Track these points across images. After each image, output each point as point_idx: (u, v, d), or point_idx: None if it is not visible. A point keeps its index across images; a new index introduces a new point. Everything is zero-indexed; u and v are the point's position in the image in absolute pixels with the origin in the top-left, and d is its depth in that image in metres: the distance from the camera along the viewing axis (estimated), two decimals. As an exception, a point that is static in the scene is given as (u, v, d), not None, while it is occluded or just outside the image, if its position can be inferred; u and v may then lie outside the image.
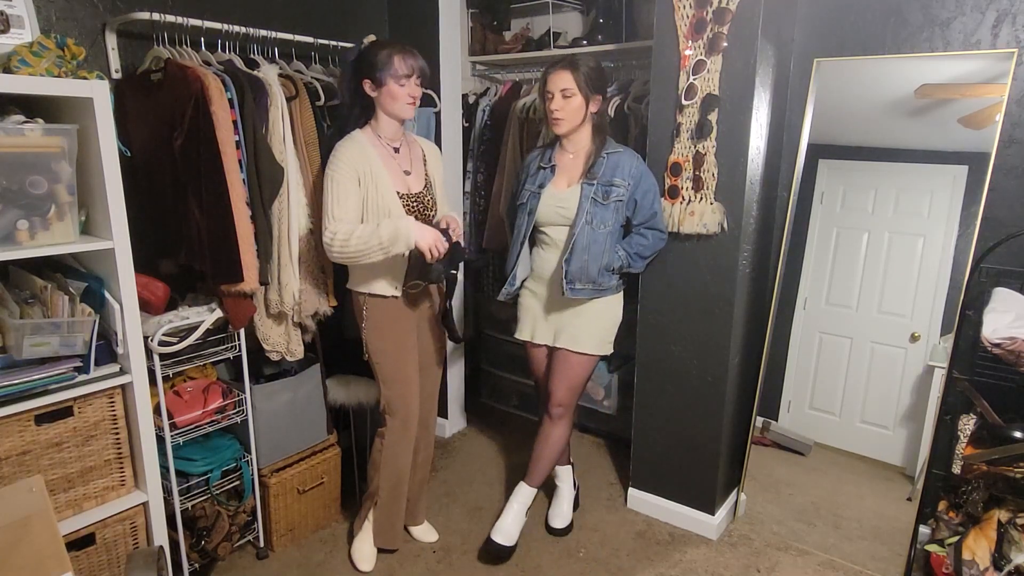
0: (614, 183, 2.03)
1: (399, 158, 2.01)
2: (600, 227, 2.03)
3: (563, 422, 2.23)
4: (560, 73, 1.99)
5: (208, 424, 2.01)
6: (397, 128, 2.00)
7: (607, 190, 2.03)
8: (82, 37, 1.90)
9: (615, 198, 2.03)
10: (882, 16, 2.11)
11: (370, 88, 1.92)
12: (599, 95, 2.04)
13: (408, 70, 1.89)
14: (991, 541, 1.88)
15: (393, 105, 1.93)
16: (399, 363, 2.05)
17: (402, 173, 2.00)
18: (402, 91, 1.91)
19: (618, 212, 2.05)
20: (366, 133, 1.97)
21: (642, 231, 2.11)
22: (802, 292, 2.40)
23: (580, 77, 1.97)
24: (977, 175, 2.00)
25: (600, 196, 2.03)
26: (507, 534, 2.20)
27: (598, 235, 2.03)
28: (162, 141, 1.87)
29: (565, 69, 1.98)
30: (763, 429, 2.49)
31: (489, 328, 3.32)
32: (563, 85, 1.98)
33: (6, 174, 1.45)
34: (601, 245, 2.04)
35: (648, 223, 2.10)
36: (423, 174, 2.07)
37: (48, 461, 1.61)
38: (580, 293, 2.06)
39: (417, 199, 2.01)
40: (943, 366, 2.03)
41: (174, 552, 1.96)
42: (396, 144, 2.02)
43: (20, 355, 1.51)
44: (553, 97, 2.00)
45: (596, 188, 2.03)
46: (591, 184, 2.04)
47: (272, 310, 2.07)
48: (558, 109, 2.00)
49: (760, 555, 2.27)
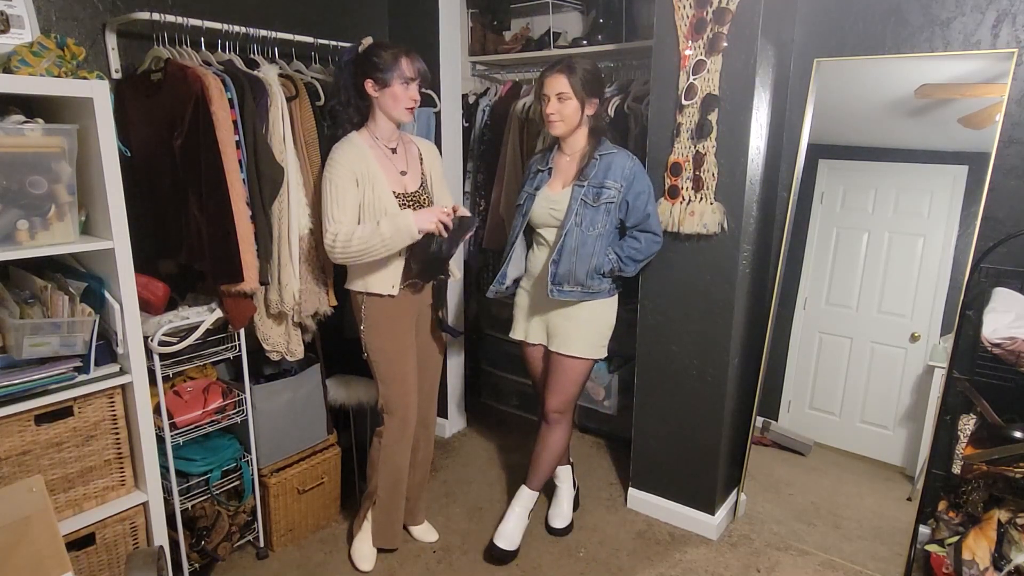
0: (605, 185, 2.01)
1: (395, 159, 2.02)
2: (589, 229, 2.02)
3: (560, 427, 2.22)
4: (556, 76, 1.98)
5: (208, 424, 2.01)
6: (393, 129, 2.01)
7: (598, 192, 2.01)
8: (82, 37, 1.90)
9: (605, 200, 2.01)
10: (882, 16, 2.11)
11: (372, 88, 1.92)
12: (595, 98, 2.03)
13: (414, 73, 1.91)
14: (991, 541, 1.88)
15: (394, 107, 1.93)
16: (397, 362, 2.05)
17: (398, 173, 2.01)
18: (406, 94, 1.92)
19: (609, 214, 2.03)
20: (363, 135, 1.98)
21: (635, 234, 2.08)
22: (802, 292, 2.40)
23: (576, 80, 1.97)
24: (977, 175, 2.00)
25: (590, 198, 2.02)
26: (509, 538, 2.21)
27: (587, 237, 2.02)
28: (162, 141, 1.87)
29: (561, 73, 1.98)
30: (763, 429, 2.49)
31: (489, 328, 3.32)
32: (559, 89, 1.98)
33: (6, 174, 1.45)
34: (590, 247, 2.02)
35: (641, 225, 2.07)
36: (419, 173, 2.08)
37: (48, 461, 1.61)
38: (567, 295, 2.05)
39: (413, 198, 2.01)
40: (943, 366, 2.03)
41: (174, 552, 1.96)
42: (393, 145, 2.02)
43: (20, 355, 1.51)
44: (549, 100, 2.01)
45: (587, 190, 2.02)
46: (582, 186, 2.03)
47: (272, 310, 2.07)
48: (554, 112, 2.01)
49: (760, 555, 2.27)
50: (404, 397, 2.07)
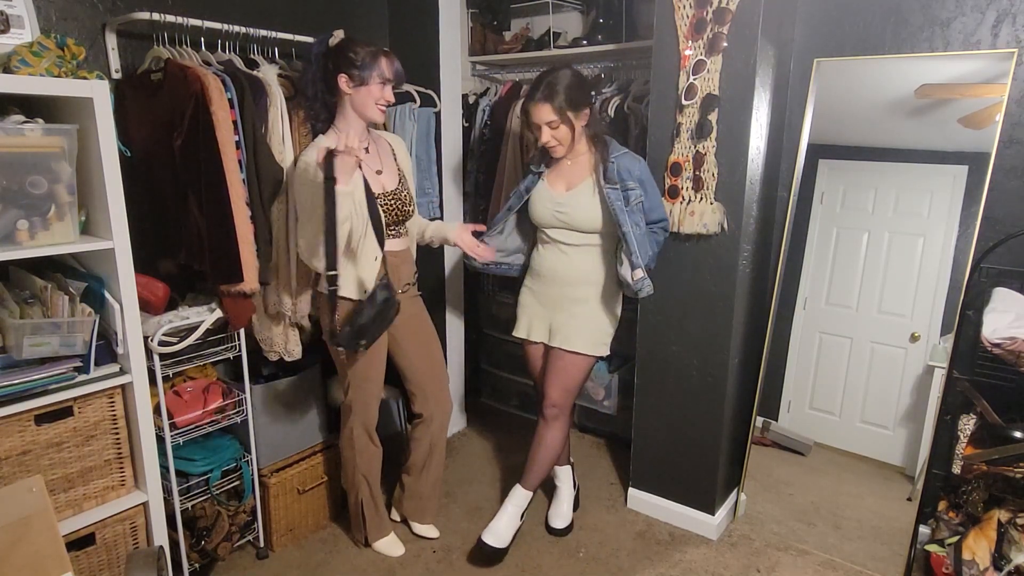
0: (628, 186, 2.01)
1: (369, 159, 1.96)
2: (636, 228, 2.01)
3: (558, 424, 2.22)
4: (540, 107, 1.95)
5: (208, 424, 2.01)
6: (363, 127, 1.95)
7: (626, 195, 2.01)
8: (82, 37, 1.90)
9: (634, 201, 2.02)
10: (882, 16, 2.11)
11: (346, 84, 1.86)
12: (585, 108, 1.99)
13: (392, 74, 1.88)
14: (991, 541, 1.88)
15: (367, 105, 1.87)
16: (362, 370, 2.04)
17: (374, 173, 1.96)
18: (382, 94, 1.87)
19: (641, 212, 2.04)
20: (329, 138, 1.88)
21: (655, 229, 2.11)
22: (802, 292, 2.40)
23: (559, 107, 1.93)
24: (977, 175, 2.00)
25: (623, 202, 2.01)
26: (499, 536, 2.20)
27: (638, 236, 2.01)
28: (162, 141, 1.87)
29: (544, 102, 1.94)
30: (763, 429, 2.49)
31: (489, 328, 3.32)
32: (547, 119, 1.95)
33: (6, 174, 1.45)
34: (645, 245, 2.03)
35: (660, 222, 2.11)
36: (395, 169, 2.04)
37: (48, 461, 1.61)
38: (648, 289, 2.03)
39: (394, 196, 1.98)
40: (943, 366, 2.03)
41: (174, 552, 1.96)
42: (365, 144, 1.96)
43: (20, 355, 1.51)
44: (542, 130, 1.98)
45: (618, 194, 2.00)
46: (615, 189, 2.00)
47: (271, 310, 2.07)
48: (549, 140, 1.99)
49: (760, 555, 2.27)
50: (366, 394, 2.07)
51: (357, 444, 2.12)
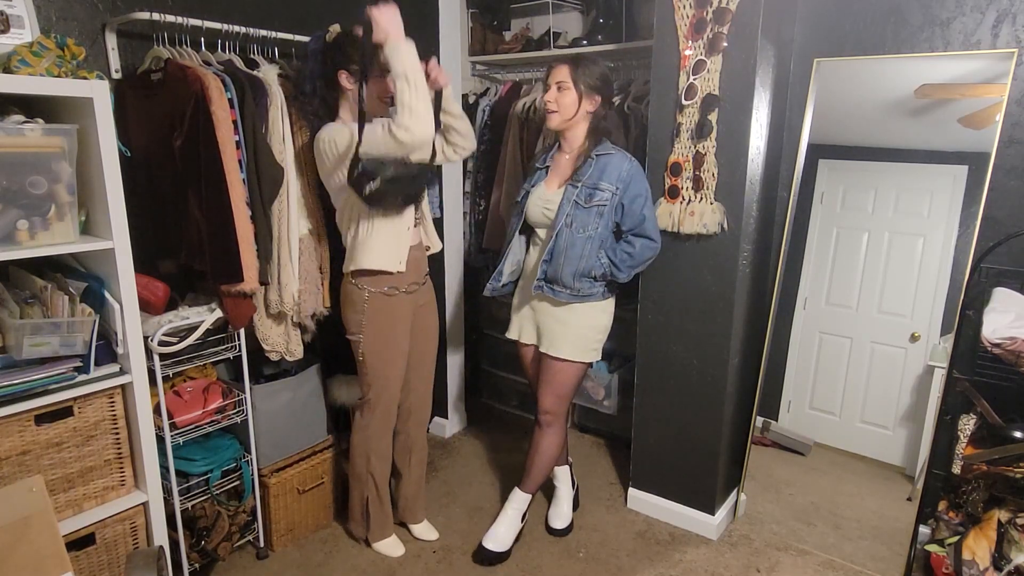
0: (599, 187, 1.98)
1: None
2: (580, 231, 1.99)
3: (552, 430, 2.21)
4: (559, 67, 2.00)
5: (208, 424, 2.01)
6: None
7: (591, 193, 1.98)
8: (82, 37, 1.90)
9: (597, 202, 1.98)
10: (882, 16, 2.11)
11: (347, 80, 1.86)
12: (598, 96, 2.01)
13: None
14: (991, 541, 1.88)
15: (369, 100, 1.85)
16: (390, 364, 2.05)
17: None
18: (385, 88, 1.86)
19: (602, 217, 1.99)
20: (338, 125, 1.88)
21: (630, 238, 2.02)
22: (802, 292, 2.40)
23: (578, 73, 1.97)
24: (977, 175, 2.00)
25: (582, 199, 1.99)
26: (500, 540, 2.21)
27: (577, 239, 1.99)
28: (162, 141, 1.87)
29: (565, 63, 2.00)
30: (763, 429, 2.49)
31: (489, 328, 3.32)
32: (559, 78, 1.99)
33: (6, 174, 1.45)
34: (579, 249, 1.99)
35: (636, 229, 2.00)
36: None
37: (48, 461, 1.61)
38: (557, 294, 2.04)
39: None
40: (943, 366, 2.02)
41: (174, 552, 1.96)
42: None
43: (20, 355, 1.51)
44: (550, 88, 2.02)
45: (580, 191, 1.99)
46: (575, 186, 2.00)
47: (272, 310, 2.07)
48: (551, 100, 2.01)
49: (760, 555, 2.27)
50: (390, 394, 2.09)
51: (373, 442, 2.12)
